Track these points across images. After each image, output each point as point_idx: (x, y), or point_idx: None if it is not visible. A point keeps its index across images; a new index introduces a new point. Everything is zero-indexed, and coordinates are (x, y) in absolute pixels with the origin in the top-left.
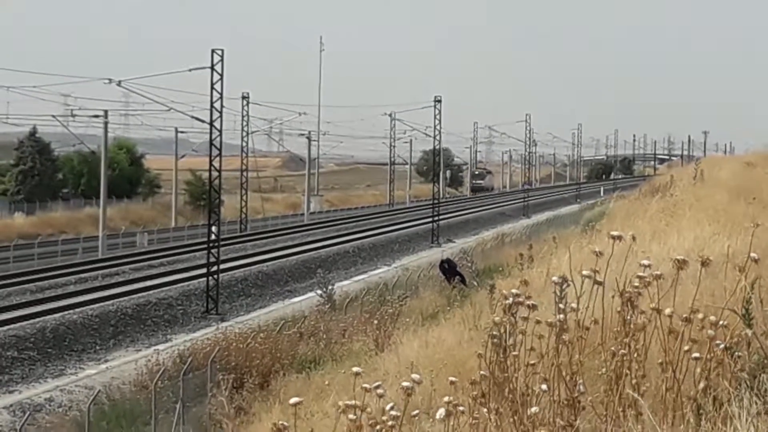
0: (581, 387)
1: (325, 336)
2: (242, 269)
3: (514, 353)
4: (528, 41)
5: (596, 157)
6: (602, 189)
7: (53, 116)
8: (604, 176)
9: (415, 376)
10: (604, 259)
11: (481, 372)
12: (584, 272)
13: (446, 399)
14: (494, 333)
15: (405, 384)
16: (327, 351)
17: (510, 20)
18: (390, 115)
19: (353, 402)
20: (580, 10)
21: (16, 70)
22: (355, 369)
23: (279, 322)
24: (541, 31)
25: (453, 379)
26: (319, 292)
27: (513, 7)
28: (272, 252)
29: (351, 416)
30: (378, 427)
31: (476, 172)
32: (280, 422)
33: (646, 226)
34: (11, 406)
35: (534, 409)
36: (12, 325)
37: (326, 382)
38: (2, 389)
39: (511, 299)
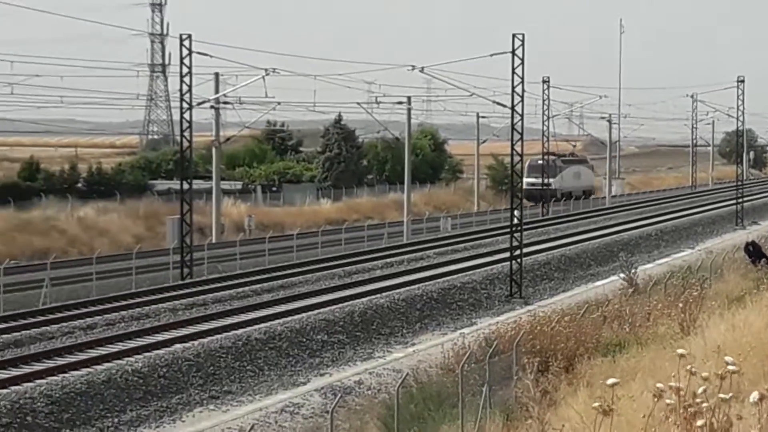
0: None
1: (629, 319)
2: (544, 253)
3: None
4: None
5: None
6: None
7: (358, 103)
8: None
9: (728, 358)
10: None
11: None
12: None
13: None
14: None
15: (730, 367)
16: (631, 334)
17: None
18: (691, 96)
19: (675, 384)
20: None
21: (322, 59)
22: (680, 351)
23: (582, 305)
24: None
25: None
26: (622, 275)
27: None
28: (574, 236)
29: (668, 401)
30: (691, 409)
31: (538, 161)
32: (606, 404)
33: None
34: (322, 388)
35: None
36: (322, 309)
37: (633, 366)
38: (314, 372)
39: None
